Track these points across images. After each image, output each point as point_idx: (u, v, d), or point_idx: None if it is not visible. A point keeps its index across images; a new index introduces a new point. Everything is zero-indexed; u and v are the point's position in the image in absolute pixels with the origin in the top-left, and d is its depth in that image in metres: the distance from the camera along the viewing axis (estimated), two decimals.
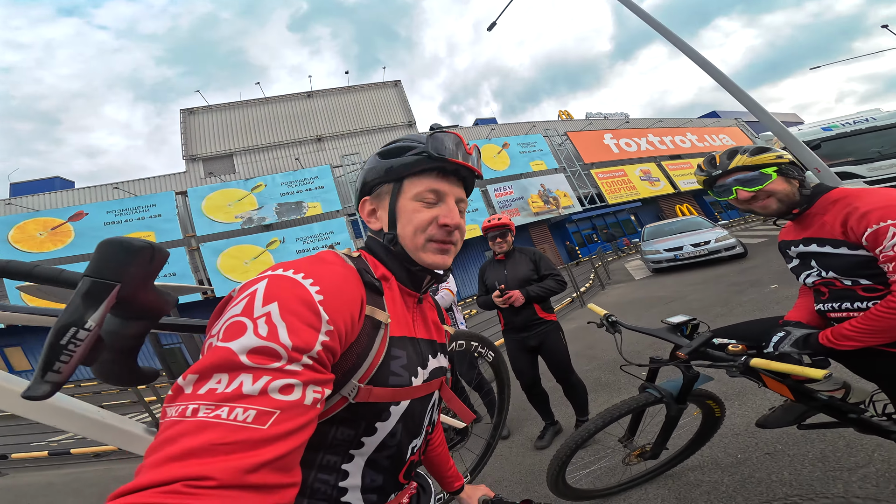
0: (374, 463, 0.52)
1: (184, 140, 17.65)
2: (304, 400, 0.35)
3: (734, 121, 29.03)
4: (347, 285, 0.47)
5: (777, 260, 6.45)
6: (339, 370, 0.45)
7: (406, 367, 0.53)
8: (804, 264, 1.19)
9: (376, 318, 0.50)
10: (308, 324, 0.38)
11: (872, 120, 7.31)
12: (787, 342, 1.15)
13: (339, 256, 0.53)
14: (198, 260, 14.00)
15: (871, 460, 1.45)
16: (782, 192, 1.12)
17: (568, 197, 18.40)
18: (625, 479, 1.66)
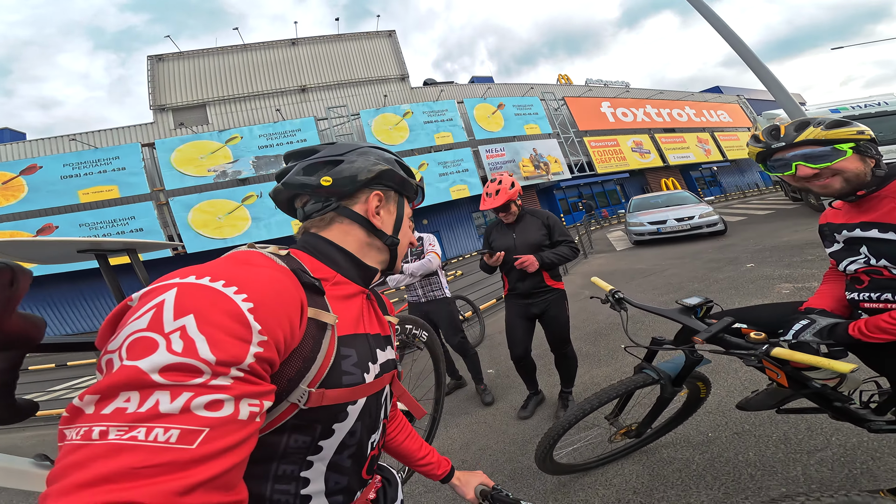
0: (336, 466, 0.51)
1: (151, 89, 15.90)
2: (237, 415, 0.33)
3: (736, 97, 28.18)
4: (283, 290, 0.43)
5: (754, 239, 6.56)
6: (283, 377, 0.42)
7: (358, 365, 0.52)
8: (850, 250, 1.08)
9: (321, 320, 0.47)
10: (235, 336, 0.35)
11: (885, 105, 6.98)
12: (811, 331, 1.07)
13: (266, 258, 0.48)
14: (167, 215, 13.19)
15: (829, 444, 1.49)
16: (852, 172, 0.99)
17: (558, 163, 18.00)
18: (604, 454, 1.68)
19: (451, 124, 16.50)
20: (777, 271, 4.19)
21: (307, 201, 0.60)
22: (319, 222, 0.59)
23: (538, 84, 21.18)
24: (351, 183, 0.58)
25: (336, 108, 16.25)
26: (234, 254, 0.47)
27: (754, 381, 2.03)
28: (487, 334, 4.24)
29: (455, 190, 15.59)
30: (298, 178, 0.58)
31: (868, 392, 1.24)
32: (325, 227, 0.59)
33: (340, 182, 0.57)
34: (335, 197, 0.58)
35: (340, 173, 0.58)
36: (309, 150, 0.61)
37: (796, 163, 1.03)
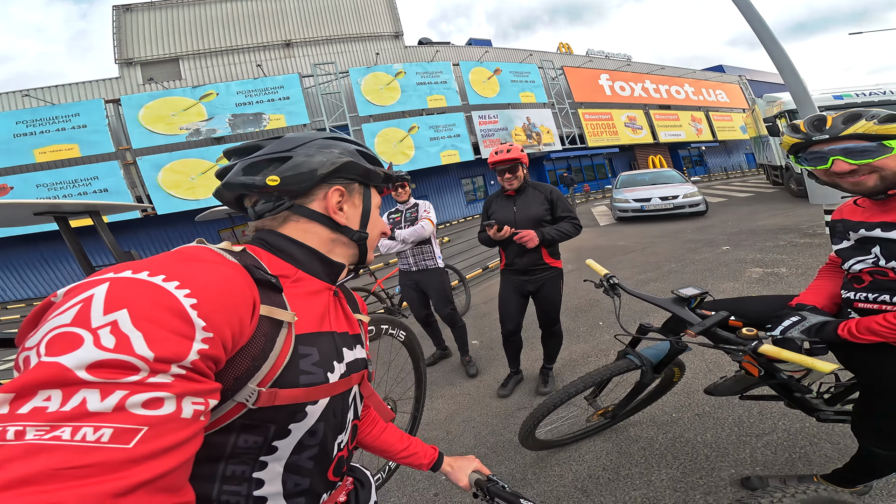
0: (294, 466, 0.49)
1: (117, 42, 14.20)
2: (180, 413, 0.31)
3: (738, 78, 27.35)
4: (231, 286, 0.40)
5: (732, 221, 6.70)
6: (230, 376, 0.40)
7: (319, 364, 0.50)
8: (861, 249, 1.04)
9: (276, 318, 0.45)
10: (176, 332, 0.33)
11: (891, 94, 6.74)
12: (799, 328, 1.06)
13: (215, 253, 0.45)
14: (135, 175, 12.32)
15: (776, 428, 1.59)
16: (891, 170, 0.92)
17: (550, 134, 17.52)
18: (579, 430, 1.76)
19: (445, 87, 15.64)
20: (750, 255, 4.32)
21: (257, 200, 0.56)
22: (272, 221, 0.55)
23: (537, 51, 20.02)
24: (305, 180, 0.53)
25: (323, 64, 15.01)
26: (179, 249, 0.44)
27: (718, 364, 2.14)
28: (473, 304, 4.29)
29: (445, 155, 15.12)
30: (240, 178, 0.53)
31: (826, 384, 1.32)
32: (280, 225, 0.55)
33: (290, 180, 0.53)
34: (287, 195, 0.54)
35: (290, 170, 0.53)
36: (252, 146, 0.56)
37: (834, 157, 0.96)
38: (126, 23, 14.66)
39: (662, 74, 23.13)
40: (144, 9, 14.91)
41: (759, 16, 4.67)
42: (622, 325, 1.36)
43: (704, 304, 1.33)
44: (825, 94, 7.13)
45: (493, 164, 2.03)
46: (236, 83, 13.59)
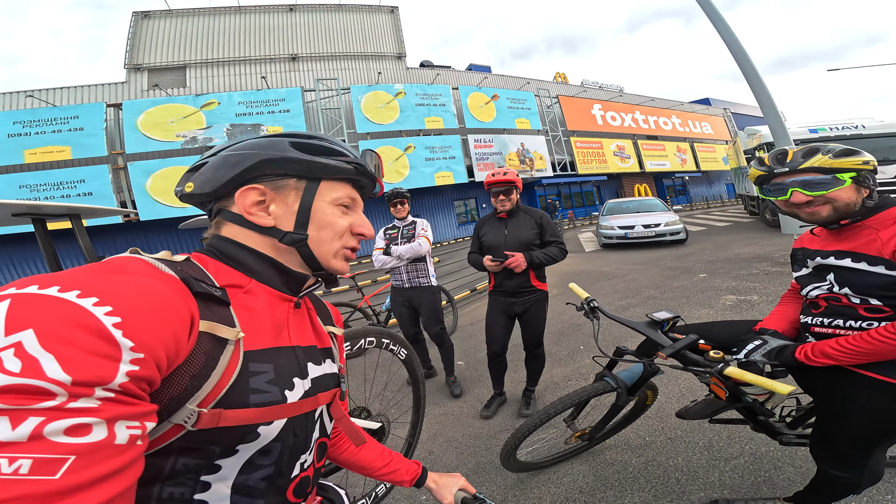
0: (244, 488, 0.45)
1: (130, 47, 14.49)
2: (113, 439, 0.29)
3: (722, 111, 28.87)
4: (161, 301, 0.37)
5: (710, 249, 6.95)
6: (165, 396, 0.38)
7: (275, 382, 0.46)
8: (817, 276, 1.09)
9: (218, 335, 0.42)
10: (97, 354, 0.30)
11: (862, 127, 7.09)
12: (761, 351, 1.12)
13: (146, 265, 0.41)
14: (123, 180, 12.26)
15: (743, 453, 1.65)
16: (843, 202, 0.99)
17: (543, 160, 18.09)
18: (558, 453, 1.79)
19: (443, 109, 16.13)
20: (725, 283, 4.49)
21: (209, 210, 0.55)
22: (214, 227, 0.54)
23: (535, 79, 20.91)
24: (210, 182, 0.50)
25: (326, 80, 15.39)
26: (106, 261, 0.40)
27: (692, 390, 2.22)
28: (460, 325, 4.33)
29: (440, 176, 15.41)
30: (176, 188, 0.54)
31: (788, 408, 1.38)
32: (218, 230, 0.53)
33: (202, 185, 0.51)
34: (212, 200, 0.53)
35: (199, 175, 0.51)
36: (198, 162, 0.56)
37: (793, 188, 1.02)
38: (142, 29, 14.96)
39: (652, 106, 24.22)
40: (161, 16, 15.28)
41: (745, 51, 4.98)
42: (600, 347, 1.41)
43: (676, 328, 1.40)
44: (802, 127, 7.49)
45: (488, 185, 2.13)
46: (239, 93, 13.78)
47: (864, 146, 7.17)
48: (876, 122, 7.17)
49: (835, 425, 1.10)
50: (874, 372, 0.98)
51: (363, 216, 0.59)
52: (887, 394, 0.97)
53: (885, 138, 6.90)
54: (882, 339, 0.91)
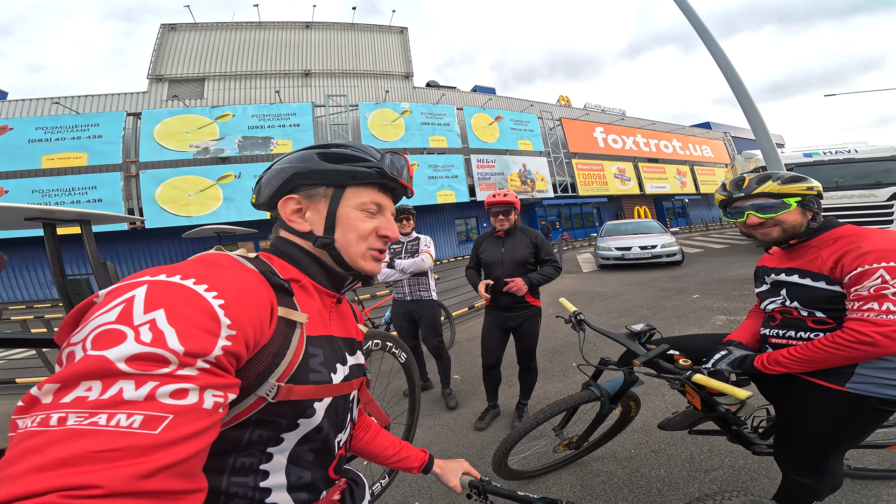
0: (297, 458, 0.51)
1: (154, 58, 15.23)
2: (202, 404, 0.33)
3: (723, 135, 29.41)
4: (252, 289, 0.44)
5: (705, 271, 7.03)
6: (253, 372, 0.44)
7: (325, 364, 0.53)
8: (773, 291, 1.19)
9: (291, 318, 0.49)
10: (204, 329, 0.36)
11: (854, 152, 7.31)
12: (726, 361, 1.20)
13: (234, 260, 0.49)
14: (133, 187, 12.61)
15: (722, 465, 1.71)
16: (790, 224, 1.10)
17: (544, 181, 18.44)
18: (548, 463, 1.84)
19: (448, 129, 16.60)
20: (717, 304, 4.56)
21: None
22: (276, 229, 0.62)
23: (538, 102, 21.51)
24: (268, 195, 0.59)
25: (336, 96, 15.96)
26: (202, 256, 0.48)
27: (675, 404, 2.29)
28: (457, 341, 4.39)
29: (442, 194, 15.69)
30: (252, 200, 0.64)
31: (758, 418, 1.45)
32: (278, 233, 0.61)
33: (260, 196, 0.61)
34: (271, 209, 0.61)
35: (260, 189, 0.61)
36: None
37: (748, 212, 1.14)
38: (168, 41, 15.67)
39: (653, 129, 24.69)
40: (187, 29, 16.06)
41: (738, 76, 5.11)
42: (585, 357, 1.53)
43: (653, 339, 1.49)
44: (797, 152, 7.73)
45: (489, 205, 2.27)
46: (253, 107, 14.27)
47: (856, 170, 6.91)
48: (868, 147, 7.35)
49: (792, 431, 1.17)
50: (820, 379, 1.06)
51: (390, 219, 0.63)
52: (831, 399, 1.05)
53: (876, 162, 7.08)
54: (824, 348, 1.00)
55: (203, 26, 16.28)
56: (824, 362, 1.02)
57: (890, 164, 7.01)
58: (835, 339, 0.99)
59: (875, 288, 0.94)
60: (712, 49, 5.27)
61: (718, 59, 5.23)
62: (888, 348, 0.93)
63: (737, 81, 5.16)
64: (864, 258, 0.96)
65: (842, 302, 1.02)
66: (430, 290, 2.83)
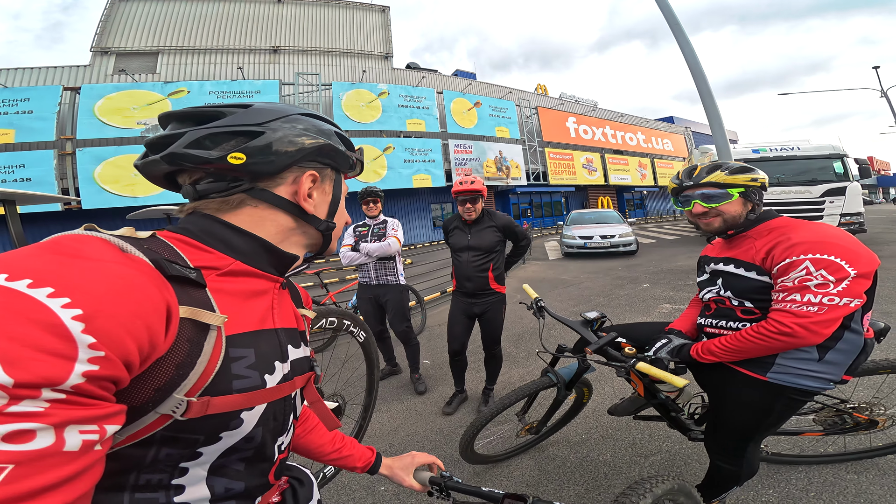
0: (222, 469, 0.43)
1: (101, 29, 13.39)
2: (61, 446, 0.26)
3: (684, 129, 30.25)
4: (131, 289, 0.31)
5: (656, 261, 7.41)
6: (150, 387, 0.34)
7: (255, 367, 0.43)
8: (711, 281, 1.19)
9: (201, 320, 0.38)
10: (48, 352, 0.26)
11: (798, 149, 7.58)
12: (666, 349, 1.21)
13: (108, 245, 0.34)
14: (68, 166, 11.38)
15: (660, 450, 1.81)
16: (730, 214, 1.10)
17: (519, 169, 18.50)
18: (510, 448, 1.88)
19: (426, 113, 16.06)
20: (664, 293, 4.83)
21: (200, 178, 0.45)
22: (222, 205, 0.45)
23: (517, 89, 21.18)
24: (277, 161, 0.45)
25: (306, 74, 14.82)
26: (55, 240, 0.33)
27: (623, 391, 2.41)
28: (427, 326, 4.38)
29: (418, 178, 15.35)
30: (192, 151, 0.42)
31: (694, 405, 1.52)
32: (228, 211, 0.46)
33: (259, 160, 0.44)
34: (248, 177, 0.45)
35: (259, 149, 0.44)
36: (209, 112, 0.45)
37: (694, 200, 1.13)
38: (117, 11, 13.86)
39: (621, 122, 25.07)
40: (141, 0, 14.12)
41: (703, 72, 5.16)
42: (543, 344, 1.53)
43: (604, 327, 1.52)
44: (747, 148, 8.07)
45: (455, 193, 2.19)
46: (211, 83, 13.05)
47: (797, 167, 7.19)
48: (810, 145, 7.68)
49: (720, 418, 1.20)
50: (745, 368, 1.08)
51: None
52: (753, 388, 1.07)
53: (815, 160, 7.43)
54: (749, 338, 1.01)
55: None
56: (750, 352, 1.03)
57: (827, 161, 7.38)
58: (759, 330, 0.99)
59: (799, 279, 0.94)
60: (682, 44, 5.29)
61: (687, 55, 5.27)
62: (806, 339, 0.94)
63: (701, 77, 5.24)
64: (792, 249, 0.96)
65: (769, 293, 1.02)
66: (397, 274, 2.76)
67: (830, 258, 0.92)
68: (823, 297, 0.92)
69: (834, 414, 1.45)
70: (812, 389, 1.04)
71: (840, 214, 7.03)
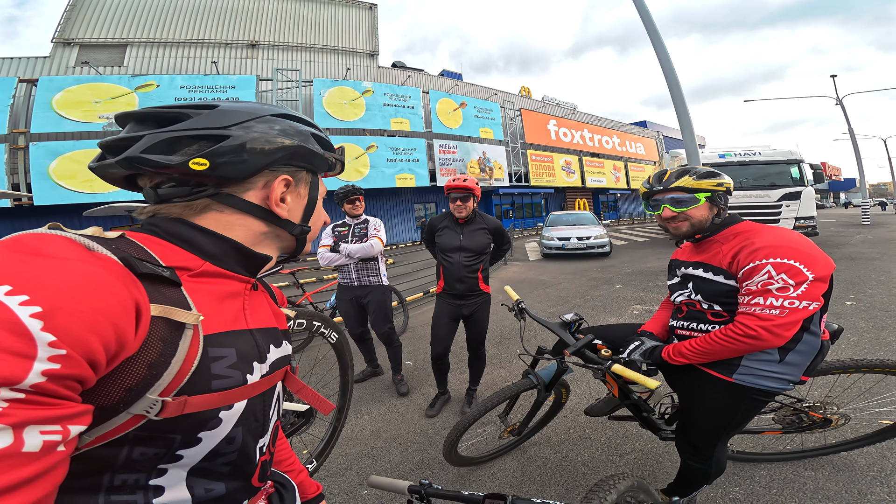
0: (204, 471, 0.41)
1: (64, 20, 12.42)
2: (20, 446, 0.25)
3: (655, 133, 31.22)
4: (96, 287, 0.30)
5: (628, 262, 7.68)
6: (120, 387, 0.33)
7: (236, 366, 0.41)
8: (682, 284, 1.20)
9: (175, 319, 0.36)
10: (5, 350, 0.25)
11: (759, 154, 7.93)
12: (638, 351, 1.22)
13: (72, 244, 0.32)
14: (19, 161, 10.63)
15: (634, 449, 1.85)
16: (697, 219, 1.11)
17: (501, 170, 18.64)
18: (493, 449, 1.87)
19: (411, 112, 15.87)
20: (635, 294, 4.99)
21: (161, 181, 0.42)
22: (185, 209, 0.43)
23: (502, 91, 21.29)
24: (243, 166, 0.42)
25: (286, 70, 14.24)
26: (17, 238, 0.32)
27: (598, 391, 2.46)
28: (410, 326, 4.33)
29: (401, 178, 15.16)
30: (151, 156, 0.39)
31: (665, 405, 1.55)
32: (192, 216, 0.43)
33: (224, 166, 0.41)
34: (212, 182, 0.42)
35: (224, 154, 0.41)
36: (171, 114, 0.42)
37: (664, 205, 1.14)
38: (84, 1, 12.86)
39: (598, 125, 25.67)
40: None
41: (677, 78, 5.30)
42: (524, 346, 1.54)
43: (581, 329, 1.53)
44: (713, 152, 8.43)
45: (448, 189, 2.14)
46: (183, 77, 12.36)
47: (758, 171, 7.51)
48: (770, 150, 8.04)
49: (690, 418, 1.22)
50: (713, 370, 1.10)
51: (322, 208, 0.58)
52: (721, 389, 1.09)
53: (774, 165, 7.80)
54: (717, 341, 1.03)
55: None
56: (718, 354, 1.05)
57: (784, 167, 7.77)
58: (726, 333, 1.01)
59: (762, 283, 0.95)
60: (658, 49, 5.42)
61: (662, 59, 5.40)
62: (769, 342, 0.96)
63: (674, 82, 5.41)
64: (756, 254, 0.97)
65: (736, 296, 1.04)
66: (379, 274, 2.67)
67: (790, 262, 0.94)
68: (784, 300, 0.94)
69: (792, 413, 1.53)
70: (773, 390, 1.08)
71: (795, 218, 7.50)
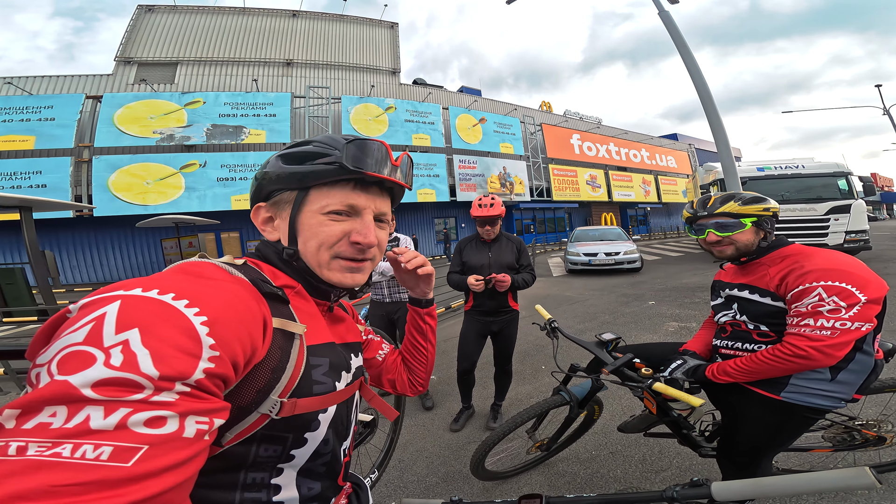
0: (308, 472, 0.49)
1: (126, 39, 14.18)
2: (182, 432, 0.30)
3: (688, 146, 30.59)
4: (240, 302, 0.40)
5: (661, 278, 7.41)
6: (252, 389, 0.41)
7: (329, 374, 0.50)
8: (726, 305, 1.24)
9: (288, 330, 0.45)
10: (183, 351, 0.32)
11: (802, 167, 7.73)
12: (681, 370, 1.25)
13: (219, 269, 0.45)
14: (83, 173, 11.72)
15: (671, 466, 1.82)
16: (742, 242, 1.16)
17: (522, 185, 18.75)
18: (520, 464, 1.89)
19: (432, 128, 16.46)
20: (670, 310, 4.82)
21: None
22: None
23: (521, 106, 21.68)
24: (251, 202, 0.57)
25: (317, 88, 15.33)
26: (182, 265, 0.43)
27: (631, 407, 2.43)
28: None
29: (422, 193, 15.57)
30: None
31: (705, 423, 1.55)
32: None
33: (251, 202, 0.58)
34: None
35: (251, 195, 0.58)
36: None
37: (708, 229, 1.20)
38: (142, 22, 14.66)
39: (625, 139, 25.38)
40: (166, 11, 15.11)
41: (708, 89, 5.26)
42: (558, 364, 1.57)
43: (619, 347, 1.56)
44: (751, 166, 8.20)
45: (475, 217, 2.26)
46: (226, 94, 13.50)
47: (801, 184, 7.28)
48: (814, 163, 7.79)
49: (734, 435, 1.24)
50: (760, 388, 1.14)
51: (364, 221, 0.53)
52: (768, 407, 1.13)
53: (819, 178, 7.52)
54: (764, 360, 1.07)
55: (182, 9, 15.27)
56: (765, 373, 1.09)
57: (830, 179, 7.48)
58: (774, 352, 1.05)
59: (812, 305, 0.99)
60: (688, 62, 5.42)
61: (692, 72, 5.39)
62: (820, 361, 1.00)
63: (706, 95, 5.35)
64: (805, 277, 1.01)
65: (784, 317, 1.08)
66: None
67: (842, 285, 0.98)
68: (836, 321, 0.97)
69: (843, 431, 1.49)
70: (824, 408, 1.09)
71: (845, 232, 7.07)
